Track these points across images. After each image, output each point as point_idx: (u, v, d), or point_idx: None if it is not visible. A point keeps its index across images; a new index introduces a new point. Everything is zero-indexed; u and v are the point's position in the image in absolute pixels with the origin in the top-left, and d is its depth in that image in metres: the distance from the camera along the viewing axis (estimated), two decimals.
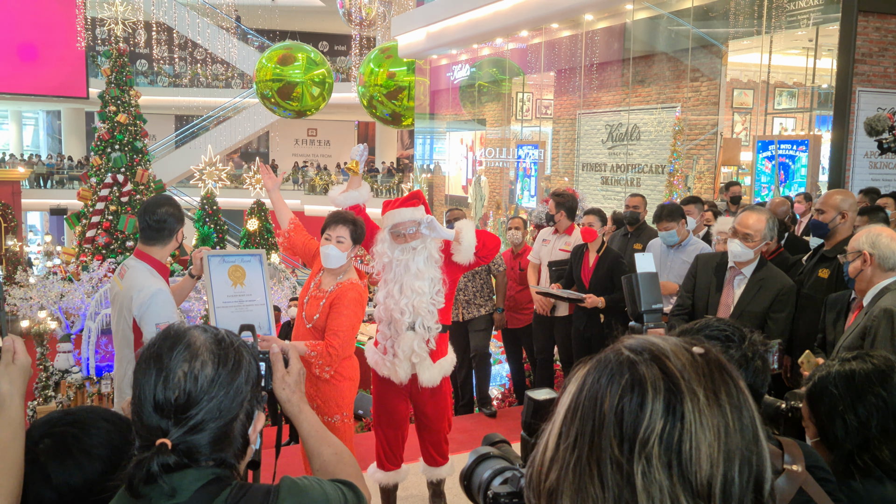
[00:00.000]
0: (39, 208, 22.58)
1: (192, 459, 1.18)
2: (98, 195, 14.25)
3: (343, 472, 1.54)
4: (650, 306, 1.96)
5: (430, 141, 16.27)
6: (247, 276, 3.21)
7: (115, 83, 14.33)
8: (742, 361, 1.60)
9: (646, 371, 0.78)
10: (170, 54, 24.60)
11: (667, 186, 9.53)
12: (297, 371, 1.62)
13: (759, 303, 3.59)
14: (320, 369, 3.43)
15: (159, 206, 3.17)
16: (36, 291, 12.56)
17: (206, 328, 1.29)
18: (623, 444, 0.75)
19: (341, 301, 3.44)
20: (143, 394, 1.20)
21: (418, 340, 3.56)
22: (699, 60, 10.18)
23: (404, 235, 3.53)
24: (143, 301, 3.02)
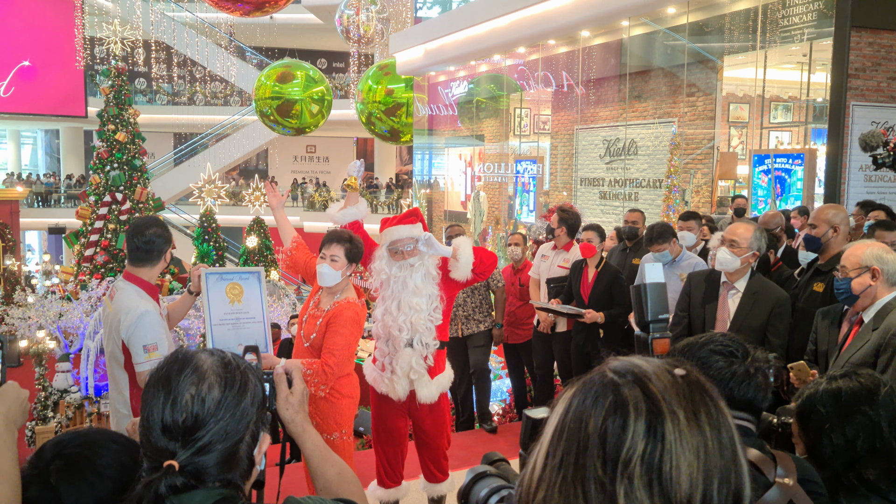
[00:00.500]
0: (38, 227, 22.61)
1: (200, 480, 1.21)
2: (97, 213, 14.28)
3: (346, 491, 1.56)
4: (657, 316, 1.98)
5: (428, 157, 16.34)
6: (244, 294, 3.22)
7: (114, 102, 14.39)
8: (744, 377, 1.62)
9: (628, 393, 0.80)
10: (168, 73, 24.70)
11: (664, 201, 9.57)
12: (300, 391, 1.64)
13: (757, 316, 3.60)
14: (316, 387, 3.44)
15: (147, 228, 3.20)
16: (34, 311, 12.54)
17: (214, 352, 1.32)
18: (606, 465, 0.77)
19: (338, 320, 3.46)
20: (152, 416, 1.23)
21: (416, 357, 3.58)
22: (695, 75, 10.26)
23: (402, 252, 3.56)
24: (130, 323, 3.03)
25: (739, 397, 1.61)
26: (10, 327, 13.09)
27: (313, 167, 30.29)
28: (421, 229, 3.59)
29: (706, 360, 1.63)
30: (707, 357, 1.63)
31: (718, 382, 1.61)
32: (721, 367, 1.61)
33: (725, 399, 1.55)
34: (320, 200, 24.35)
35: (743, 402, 1.62)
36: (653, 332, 1.95)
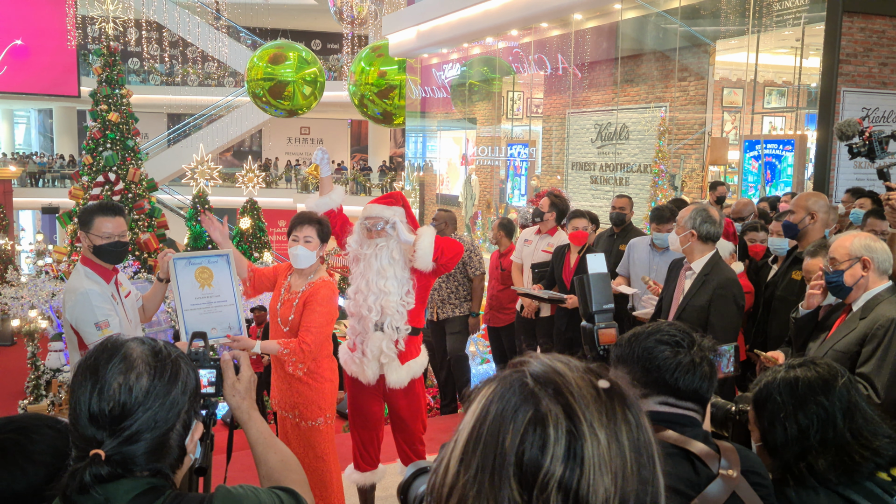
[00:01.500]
0: (31, 207, 22.54)
1: (127, 470, 1.20)
2: (90, 194, 14.22)
3: (287, 478, 1.56)
4: (601, 306, 1.99)
5: (421, 140, 16.28)
6: (214, 278, 3.20)
7: (107, 82, 14.29)
8: (690, 366, 1.61)
9: (549, 407, 0.78)
10: (161, 52, 24.52)
11: (652, 186, 9.56)
12: (247, 378, 1.63)
13: (701, 297, 3.62)
14: (293, 366, 3.45)
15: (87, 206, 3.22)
16: (27, 290, 12.54)
17: (144, 340, 1.31)
18: (523, 486, 0.76)
19: (314, 299, 3.46)
20: (79, 405, 1.22)
21: (387, 341, 3.57)
22: (687, 59, 10.21)
23: (372, 231, 3.56)
24: (71, 303, 3.04)
25: (685, 387, 1.61)
26: (2, 306, 13.10)
27: (307, 149, 30.17)
28: (397, 213, 3.57)
29: (652, 350, 1.63)
30: (653, 347, 1.63)
31: (664, 372, 1.60)
32: (666, 356, 1.61)
33: (672, 389, 1.57)
34: (314, 182, 24.27)
35: (688, 392, 1.62)
36: (598, 323, 1.95)
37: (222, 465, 1.87)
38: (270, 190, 23.76)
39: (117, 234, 3.16)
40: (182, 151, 21.52)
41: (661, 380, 1.61)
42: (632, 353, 1.65)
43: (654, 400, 1.62)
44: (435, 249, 3.52)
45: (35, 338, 11.84)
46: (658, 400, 1.62)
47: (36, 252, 19.36)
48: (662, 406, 1.62)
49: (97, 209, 3.17)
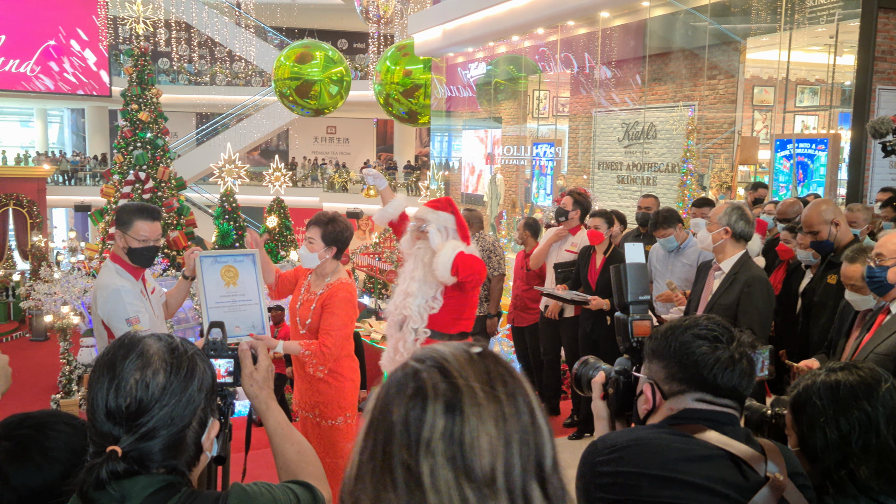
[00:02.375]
0: (64, 205, 22.92)
1: (143, 466, 1.20)
2: (120, 192, 14.41)
3: (303, 471, 1.56)
4: (637, 297, 1.93)
5: (447, 139, 16.26)
6: (240, 276, 3.21)
7: (137, 81, 14.48)
8: (729, 362, 1.56)
9: (427, 377, 0.83)
10: (190, 52, 24.79)
11: (680, 186, 9.44)
12: (265, 368, 1.64)
13: (729, 296, 3.57)
14: (314, 368, 3.46)
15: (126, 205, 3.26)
16: (60, 287, 12.73)
17: (161, 336, 1.31)
18: (410, 448, 0.80)
19: (332, 301, 3.48)
20: (96, 400, 1.22)
21: (403, 341, 3.65)
22: (717, 57, 10.07)
23: (417, 232, 3.70)
24: (104, 299, 3.08)
25: (723, 384, 1.56)
26: (36, 302, 13.33)
27: (333, 148, 30.31)
28: (441, 218, 3.67)
29: (689, 345, 1.57)
30: (690, 342, 1.57)
31: (702, 368, 1.55)
32: (704, 352, 1.56)
33: (709, 386, 1.53)
34: (340, 181, 24.38)
35: (727, 389, 1.57)
36: (633, 314, 1.90)
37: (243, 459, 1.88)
38: (297, 189, 23.91)
39: (153, 238, 3.22)
40: (210, 150, 21.74)
41: (698, 376, 1.55)
42: (668, 347, 1.60)
43: (690, 396, 1.57)
44: (452, 266, 3.52)
45: (67, 333, 12.00)
46: (695, 396, 1.57)
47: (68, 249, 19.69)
48: (700, 403, 1.57)
49: (137, 211, 3.21)
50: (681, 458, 1.48)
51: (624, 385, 1.74)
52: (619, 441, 1.55)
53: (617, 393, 1.74)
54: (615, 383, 1.75)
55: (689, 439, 1.51)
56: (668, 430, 1.55)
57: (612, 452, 1.53)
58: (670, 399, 1.59)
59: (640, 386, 1.67)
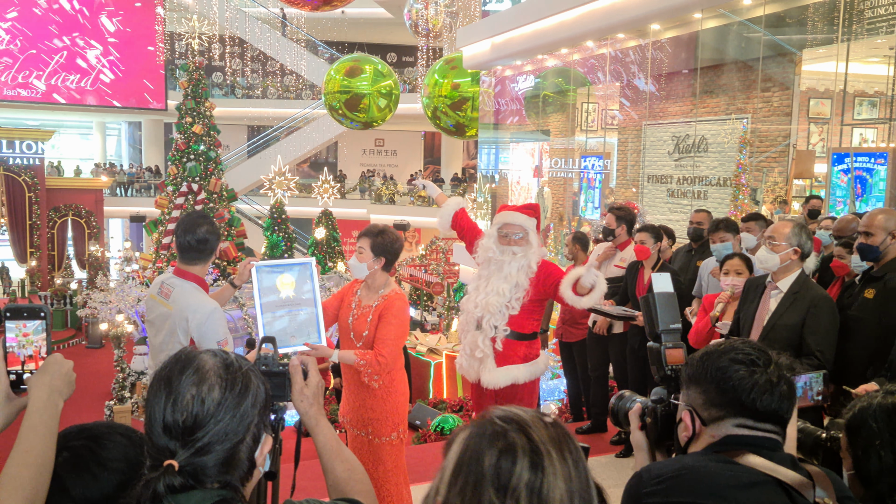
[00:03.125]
0: (120, 216, 23.56)
1: (198, 481, 1.22)
2: (174, 203, 14.77)
3: (353, 489, 1.56)
4: (668, 326, 1.91)
5: (494, 151, 16.27)
6: (295, 285, 3.21)
7: (192, 95, 14.84)
8: (767, 386, 1.52)
9: (516, 437, 1.04)
10: (243, 66, 25.32)
11: (732, 200, 9.25)
12: (315, 384, 1.64)
13: (791, 316, 3.46)
14: (369, 378, 3.46)
15: (199, 226, 3.22)
16: (115, 295, 13.06)
17: (217, 353, 1.33)
18: (499, 491, 1.00)
19: (389, 311, 3.49)
20: (154, 415, 1.24)
21: (482, 337, 3.76)
22: (771, 69, 9.88)
23: (510, 238, 3.77)
24: (200, 321, 3.09)
25: (763, 408, 1.52)
26: (92, 310, 13.70)
27: (381, 160, 30.57)
28: (534, 224, 3.82)
29: (726, 370, 1.54)
30: (727, 366, 1.55)
31: (740, 392, 1.52)
32: (742, 376, 1.53)
33: (749, 411, 1.49)
34: (387, 193, 24.56)
35: (767, 413, 1.53)
36: (665, 343, 1.88)
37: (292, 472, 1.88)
38: (345, 200, 24.17)
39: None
40: (261, 162, 22.13)
41: (737, 400, 1.53)
42: (705, 372, 1.57)
43: (731, 422, 1.55)
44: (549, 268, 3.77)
45: (122, 341, 12.29)
46: (735, 422, 1.54)
47: (124, 259, 20.23)
48: (741, 429, 1.54)
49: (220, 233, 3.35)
50: (730, 485, 1.46)
51: (662, 414, 1.72)
52: (665, 471, 1.53)
53: (655, 422, 1.73)
54: (653, 412, 1.74)
55: (736, 466, 1.49)
56: (713, 456, 1.52)
57: (659, 483, 1.50)
58: (710, 426, 1.57)
59: (678, 413, 1.65)
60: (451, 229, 4.36)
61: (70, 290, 18.29)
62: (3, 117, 24.87)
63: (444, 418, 7.22)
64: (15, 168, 18.31)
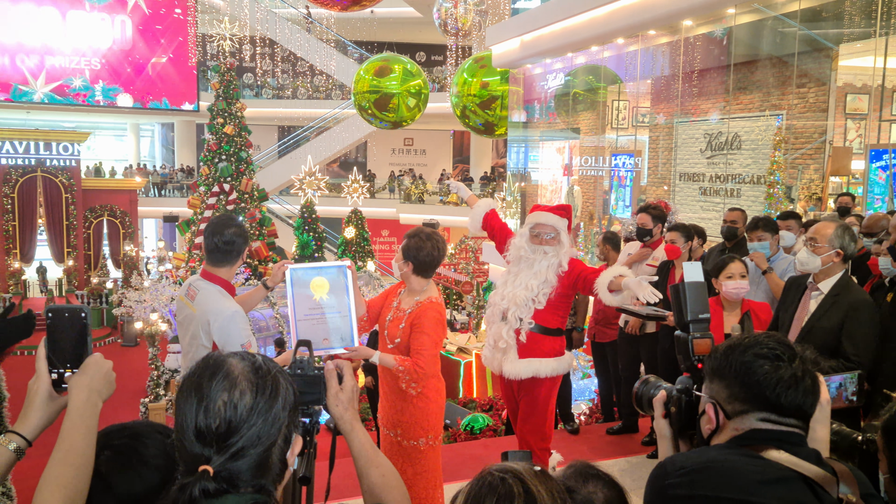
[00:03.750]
0: (154, 215, 23.93)
1: (233, 485, 1.22)
2: (206, 203, 14.96)
3: (388, 495, 1.56)
4: (696, 316, 1.90)
5: (523, 150, 16.21)
6: (329, 289, 3.20)
7: (223, 96, 15.01)
8: (791, 381, 1.51)
9: (513, 483, 1.23)
10: (273, 67, 25.54)
11: (766, 198, 9.10)
12: (350, 388, 1.64)
13: (830, 318, 3.40)
14: (407, 385, 3.47)
15: (226, 228, 3.22)
16: (149, 294, 13.26)
17: (244, 356, 1.32)
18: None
19: (420, 321, 3.48)
20: (186, 421, 1.24)
21: (507, 329, 3.83)
22: (807, 64, 9.69)
23: (541, 237, 3.85)
24: (221, 325, 3.09)
25: (787, 403, 1.51)
26: (127, 309, 13.93)
27: (410, 160, 30.65)
28: (565, 224, 3.87)
29: (750, 365, 1.53)
30: (751, 361, 1.53)
31: (764, 387, 1.51)
32: (766, 371, 1.51)
33: (773, 405, 1.48)
34: (416, 193, 24.61)
35: (791, 408, 1.51)
36: (693, 333, 1.86)
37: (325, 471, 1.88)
38: (374, 200, 24.29)
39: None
40: (291, 162, 22.32)
41: (761, 395, 1.52)
42: (729, 367, 1.56)
43: (754, 416, 1.53)
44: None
45: (156, 340, 12.48)
46: (759, 416, 1.53)
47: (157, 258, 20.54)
48: (765, 423, 1.53)
49: (248, 235, 3.34)
50: (756, 480, 1.44)
51: (686, 404, 1.72)
52: (689, 463, 1.51)
53: (679, 412, 1.72)
54: (677, 402, 1.73)
55: (761, 461, 1.47)
56: (738, 450, 1.51)
57: (684, 475, 1.49)
58: (734, 419, 1.56)
59: (702, 405, 1.64)
60: (481, 230, 4.40)
61: (106, 290, 18.62)
62: (41, 119, 25.39)
63: (473, 417, 7.22)
64: (52, 169, 18.69)
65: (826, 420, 1.67)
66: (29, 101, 23.35)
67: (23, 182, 18.41)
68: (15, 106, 23.56)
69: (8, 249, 18.40)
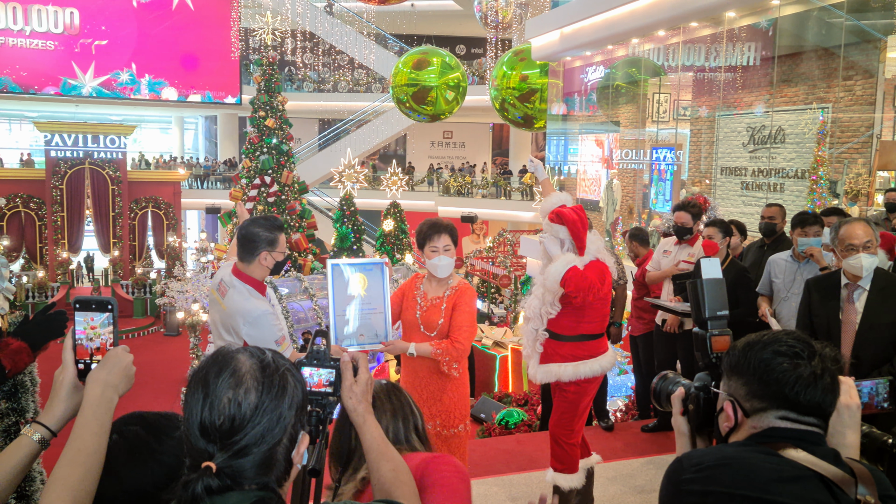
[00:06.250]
0: (196, 207, 24.32)
1: (236, 482, 1.22)
2: (247, 195, 15.16)
3: (397, 490, 1.55)
4: (715, 313, 1.89)
5: (563, 143, 16.09)
6: (368, 285, 3.26)
7: (265, 90, 15.18)
8: (811, 379, 1.49)
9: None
10: (315, 60, 25.74)
11: (809, 193, 8.90)
12: (364, 381, 1.63)
13: (890, 312, 3.35)
14: (448, 366, 3.51)
15: (253, 224, 3.25)
16: (191, 285, 13.49)
17: (254, 352, 1.32)
18: None
19: (463, 299, 3.59)
20: (192, 416, 1.25)
21: (526, 337, 4.02)
22: (854, 56, 9.45)
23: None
24: (251, 326, 3.13)
25: (806, 401, 1.49)
26: (170, 299, 14.22)
27: (449, 152, 30.66)
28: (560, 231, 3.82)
29: (769, 362, 1.51)
30: (770, 359, 1.51)
31: (783, 385, 1.49)
32: (785, 369, 1.49)
33: (792, 403, 1.47)
34: (455, 186, 24.61)
35: (810, 407, 1.49)
36: (711, 329, 1.85)
37: None
38: (413, 192, 24.35)
39: (285, 247, 3.35)
40: (331, 155, 22.49)
41: (779, 393, 1.50)
42: (747, 364, 1.55)
43: (773, 414, 1.52)
44: (562, 279, 3.70)
45: (197, 330, 12.70)
46: (777, 415, 1.51)
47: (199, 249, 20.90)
48: (783, 421, 1.51)
49: (279, 227, 3.30)
50: (772, 478, 1.43)
51: (704, 401, 1.70)
52: (705, 459, 1.51)
53: (697, 409, 1.71)
54: (695, 399, 1.72)
55: (778, 459, 1.46)
56: (756, 448, 1.50)
57: (699, 471, 1.48)
58: (752, 417, 1.54)
59: (720, 402, 1.63)
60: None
61: (149, 280, 19.02)
62: (89, 112, 26.01)
63: (508, 412, 7.22)
64: (99, 162, 19.13)
65: (856, 425, 1.64)
66: (78, 94, 23.94)
67: (71, 174, 18.87)
68: (64, 100, 24.18)
69: (56, 240, 18.90)
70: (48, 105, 25.05)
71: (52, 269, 18.77)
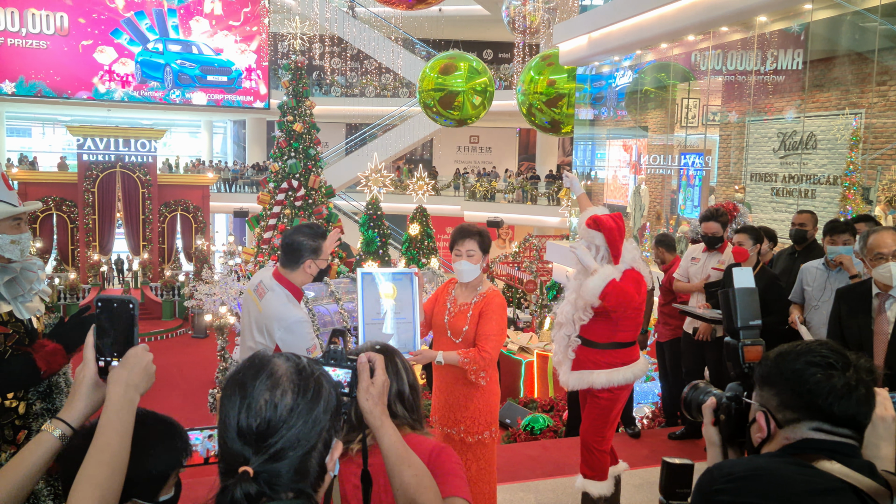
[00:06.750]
0: (225, 211, 24.59)
1: (273, 489, 1.21)
2: (275, 199, 15.28)
3: (421, 496, 1.53)
4: (747, 323, 1.85)
5: (590, 148, 16.02)
6: (397, 294, 3.28)
7: (293, 94, 15.29)
8: (845, 390, 1.46)
9: None
10: (342, 65, 25.91)
11: (841, 200, 8.76)
12: (381, 382, 1.62)
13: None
14: (475, 375, 3.48)
15: (297, 232, 3.26)
16: (219, 288, 13.63)
17: (289, 357, 1.32)
18: None
19: (490, 307, 3.53)
20: (228, 419, 1.25)
21: (558, 344, 4.01)
22: (889, 61, 9.29)
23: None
24: (285, 332, 3.14)
25: (840, 413, 1.46)
26: (198, 301, 14.38)
27: (476, 157, 30.67)
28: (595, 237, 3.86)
29: (802, 373, 1.49)
30: (803, 369, 1.49)
31: (816, 396, 1.47)
32: (819, 380, 1.47)
33: (825, 415, 1.44)
34: (481, 190, 24.60)
35: (844, 418, 1.47)
36: (743, 339, 1.82)
37: None
38: (439, 197, 24.40)
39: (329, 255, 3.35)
40: (358, 159, 22.61)
41: (813, 404, 1.48)
42: (780, 374, 1.53)
43: (806, 425, 1.50)
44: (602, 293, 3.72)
45: (224, 332, 12.82)
46: (811, 426, 1.49)
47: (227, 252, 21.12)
48: (817, 433, 1.49)
49: (322, 235, 3.31)
50: (805, 490, 1.41)
51: (736, 411, 1.68)
52: (736, 470, 1.49)
53: (729, 419, 1.69)
54: (727, 409, 1.70)
55: (810, 470, 1.44)
56: (788, 459, 1.47)
57: (730, 482, 1.46)
58: (785, 428, 1.52)
59: (752, 413, 1.61)
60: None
61: (178, 282, 19.26)
62: (120, 117, 26.43)
63: (534, 417, 7.19)
64: (130, 165, 19.42)
65: (891, 437, 1.61)
66: (110, 99, 24.33)
67: (103, 177, 19.18)
68: (96, 104, 24.59)
69: (88, 242, 19.21)
70: (81, 109, 25.51)
71: (84, 270, 19.07)
